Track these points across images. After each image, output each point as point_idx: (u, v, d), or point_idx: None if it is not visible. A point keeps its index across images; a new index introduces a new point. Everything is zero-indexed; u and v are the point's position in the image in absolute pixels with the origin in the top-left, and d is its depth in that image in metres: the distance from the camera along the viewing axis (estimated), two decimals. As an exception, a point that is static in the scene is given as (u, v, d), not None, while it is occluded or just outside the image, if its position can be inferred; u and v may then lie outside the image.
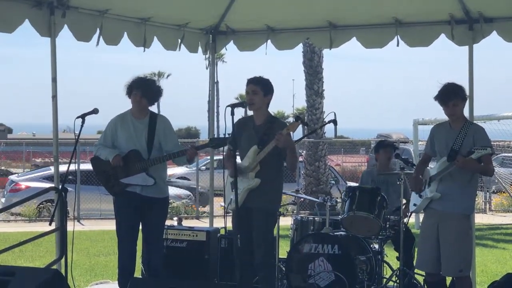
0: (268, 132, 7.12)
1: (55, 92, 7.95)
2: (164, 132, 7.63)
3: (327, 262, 7.93)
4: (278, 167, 7.22)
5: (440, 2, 8.69)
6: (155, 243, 7.67)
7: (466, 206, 7.08)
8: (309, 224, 8.69)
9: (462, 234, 7.01)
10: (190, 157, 7.53)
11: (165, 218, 7.87)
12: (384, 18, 9.04)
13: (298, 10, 9.27)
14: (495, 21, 8.57)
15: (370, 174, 9.40)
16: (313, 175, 20.88)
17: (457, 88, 7.04)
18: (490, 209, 21.76)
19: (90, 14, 8.31)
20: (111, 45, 8.66)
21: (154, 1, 8.73)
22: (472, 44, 8.75)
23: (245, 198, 7.07)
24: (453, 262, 6.96)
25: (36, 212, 19.01)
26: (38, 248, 12.89)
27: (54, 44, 7.96)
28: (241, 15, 9.51)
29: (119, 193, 7.58)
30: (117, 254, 7.67)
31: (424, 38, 9.02)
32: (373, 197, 8.24)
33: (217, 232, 8.86)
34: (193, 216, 19.79)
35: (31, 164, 32.03)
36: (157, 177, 7.51)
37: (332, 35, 9.34)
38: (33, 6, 7.72)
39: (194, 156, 7.63)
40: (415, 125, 18.07)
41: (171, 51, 9.49)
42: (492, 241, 15.00)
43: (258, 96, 7.18)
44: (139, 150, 7.49)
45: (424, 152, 7.56)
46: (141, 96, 7.54)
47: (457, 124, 7.08)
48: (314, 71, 20.75)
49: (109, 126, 7.72)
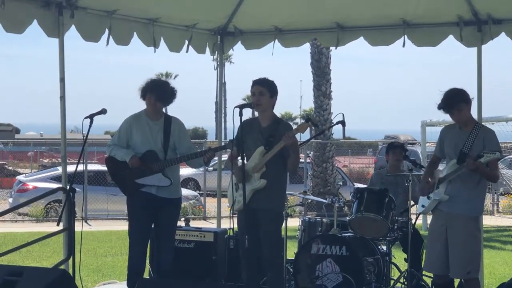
0: (274, 133, 7.11)
1: (63, 92, 7.95)
2: (179, 134, 7.66)
3: (335, 263, 7.92)
4: (283, 168, 7.21)
5: (448, 3, 8.67)
6: (166, 244, 7.68)
7: (474, 208, 7.06)
8: (317, 225, 8.68)
9: (471, 236, 6.98)
10: (207, 159, 7.56)
11: (177, 218, 7.90)
12: (391, 19, 9.04)
13: (306, 11, 9.28)
14: (504, 23, 8.55)
15: (379, 175, 9.38)
16: (320, 176, 20.86)
17: (458, 93, 6.99)
18: (498, 211, 21.73)
19: (98, 15, 8.32)
20: (122, 45, 8.67)
21: (162, 2, 8.74)
22: (480, 46, 8.73)
23: (251, 198, 7.06)
24: (462, 264, 6.94)
25: (44, 213, 19.05)
26: (45, 249, 12.90)
27: (62, 45, 7.96)
28: (249, 16, 9.52)
29: (134, 194, 7.59)
30: (124, 254, 7.68)
31: (431, 38, 9.01)
32: (381, 198, 8.22)
33: (225, 233, 8.86)
34: (200, 217, 19.81)
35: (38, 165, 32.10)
36: (173, 178, 7.53)
37: (339, 36, 9.34)
38: (42, 7, 7.73)
39: (211, 158, 7.66)
40: (423, 126, 18.03)
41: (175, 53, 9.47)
42: (500, 243, 14.98)
43: (265, 97, 7.17)
44: (155, 151, 7.51)
45: (434, 154, 7.53)
46: (155, 100, 7.56)
47: (467, 126, 7.04)
48: (322, 72, 20.74)
49: (123, 126, 7.71)
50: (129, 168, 7.50)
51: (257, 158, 7.11)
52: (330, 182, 20.83)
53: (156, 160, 7.49)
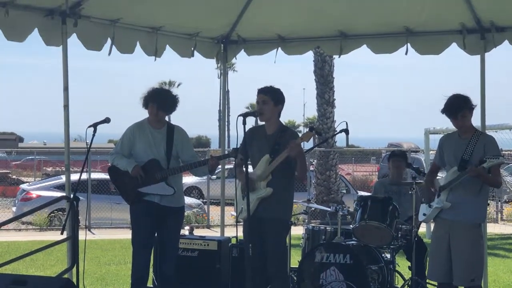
0: (280, 141, 7.09)
1: (67, 101, 7.93)
2: (182, 143, 7.67)
3: (339, 271, 7.91)
4: (290, 176, 7.18)
5: (451, 11, 8.67)
6: (170, 253, 7.68)
7: (477, 215, 7.06)
8: (321, 233, 8.67)
9: (474, 243, 6.99)
10: (212, 167, 7.58)
11: (180, 227, 7.92)
12: (394, 27, 9.04)
13: (309, 19, 9.29)
14: (507, 30, 8.56)
15: (382, 184, 9.37)
16: (324, 184, 20.87)
17: (464, 99, 7.01)
18: (502, 219, 21.66)
19: (101, 23, 8.32)
20: (125, 53, 8.68)
21: (165, 11, 8.74)
22: (484, 53, 8.73)
23: (257, 207, 7.05)
24: (465, 271, 6.94)
25: (47, 221, 19.06)
26: (49, 257, 12.90)
27: (66, 54, 7.92)
28: (252, 24, 9.53)
29: (137, 202, 7.59)
30: (128, 263, 7.68)
31: (435, 46, 9.04)
32: (385, 206, 8.21)
33: (229, 242, 8.84)
34: (204, 225, 19.79)
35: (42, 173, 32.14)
36: (176, 187, 7.53)
37: (343, 44, 9.35)
38: (45, 15, 7.73)
39: (216, 166, 7.66)
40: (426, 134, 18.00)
41: (185, 58, 9.49)
42: (504, 251, 14.94)
43: (268, 106, 7.15)
44: (158, 160, 7.51)
45: (433, 163, 7.54)
46: (157, 109, 7.57)
47: (466, 134, 7.06)
48: (325, 80, 20.77)
49: (126, 134, 7.72)
50: (132, 177, 7.51)
51: (263, 166, 7.10)
52: (333, 190, 20.83)
53: (159, 169, 7.49)
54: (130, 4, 8.32)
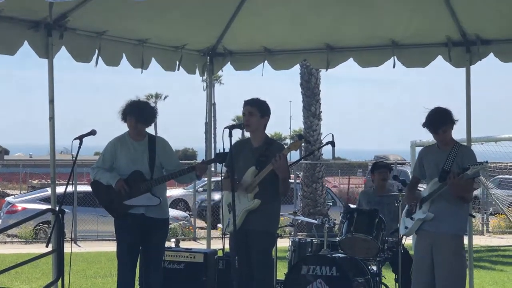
0: (266, 153, 7.10)
1: (53, 113, 7.92)
2: (164, 153, 7.66)
3: (325, 284, 7.90)
4: (276, 188, 7.17)
5: (437, 24, 8.71)
6: (155, 265, 7.66)
7: (459, 226, 7.08)
8: (307, 245, 8.66)
9: (456, 254, 7.00)
10: (200, 172, 7.57)
11: (165, 239, 7.89)
12: (381, 40, 9.07)
13: (295, 32, 9.30)
14: (492, 43, 8.61)
15: (366, 194, 9.39)
16: (310, 196, 20.85)
17: (445, 114, 7.03)
18: (488, 231, 21.72)
19: (88, 36, 8.31)
20: (111, 66, 8.66)
21: (150, 23, 8.72)
22: (469, 66, 8.77)
23: (244, 219, 7.04)
24: (448, 282, 6.94)
25: (33, 234, 18.97)
26: (34, 270, 12.82)
27: (51, 66, 7.92)
28: (238, 36, 9.53)
29: (123, 216, 7.56)
30: (114, 276, 7.65)
31: (420, 59, 9.07)
32: (371, 218, 8.22)
33: (215, 254, 8.83)
34: (190, 237, 19.75)
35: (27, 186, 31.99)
36: (161, 197, 7.53)
37: (329, 57, 9.37)
38: (30, 28, 7.71)
39: (204, 171, 7.67)
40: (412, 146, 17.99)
41: (170, 71, 9.47)
42: (490, 263, 14.96)
43: (254, 118, 7.17)
44: (141, 171, 7.49)
45: (413, 175, 7.55)
46: (136, 122, 7.56)
47: (446, 146, 7.09)
48: (311, 93, 20.78)
49: (107, 148, 7.71)
50: (116, 191, 7.48)
51: (249, 178, 7.10)
52: (320, 202, 20.82)
53: (142, 180, 7.48)
54: (117, 16, 8.30)
